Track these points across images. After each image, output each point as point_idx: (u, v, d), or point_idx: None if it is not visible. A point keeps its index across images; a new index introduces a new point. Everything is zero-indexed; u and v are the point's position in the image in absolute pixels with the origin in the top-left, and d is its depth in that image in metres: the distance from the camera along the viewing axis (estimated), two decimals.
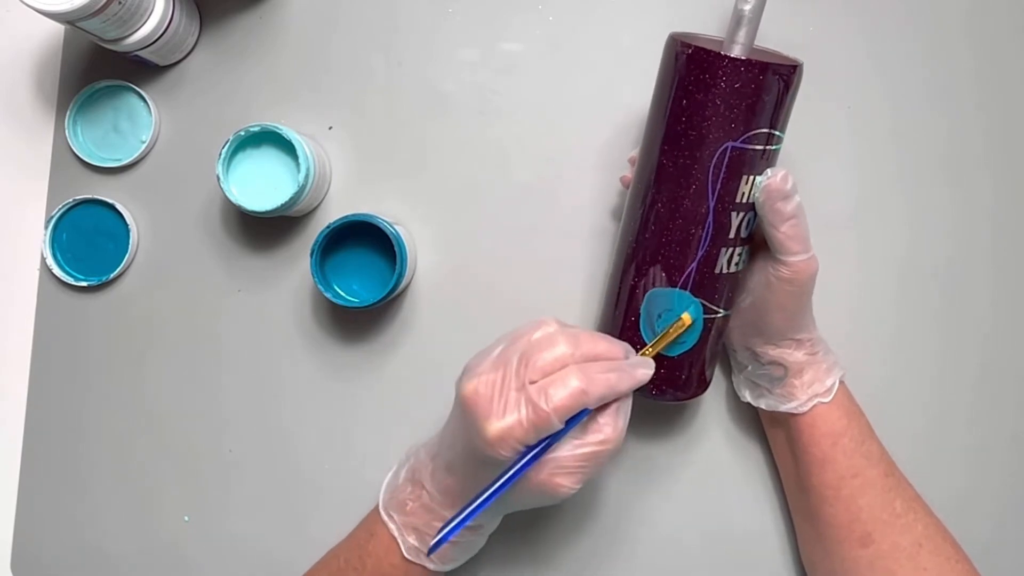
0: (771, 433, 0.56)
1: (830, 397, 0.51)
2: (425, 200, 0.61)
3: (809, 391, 0.51)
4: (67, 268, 0.61)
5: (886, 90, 0.60)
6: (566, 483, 0.44)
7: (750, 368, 0.53)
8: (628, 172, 0.54)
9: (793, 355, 0.51)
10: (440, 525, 0.46)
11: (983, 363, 0.59)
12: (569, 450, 0.44)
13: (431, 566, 0.49)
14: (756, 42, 0.48)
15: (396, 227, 0.56)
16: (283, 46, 0.62)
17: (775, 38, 0.56)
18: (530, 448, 0.43)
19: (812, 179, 0.52)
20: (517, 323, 0.59)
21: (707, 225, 0.47)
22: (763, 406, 0.53)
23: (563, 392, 0.42)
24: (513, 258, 0.60)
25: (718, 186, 0.46)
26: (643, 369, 0.46)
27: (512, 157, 0.60)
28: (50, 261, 0.61)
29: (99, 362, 0.62)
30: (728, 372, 0.58)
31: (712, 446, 0.59)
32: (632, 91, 0.59)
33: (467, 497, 0.46)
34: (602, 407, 0.45)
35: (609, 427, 0.44)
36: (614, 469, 0.59)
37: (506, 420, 0.42)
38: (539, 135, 0.60)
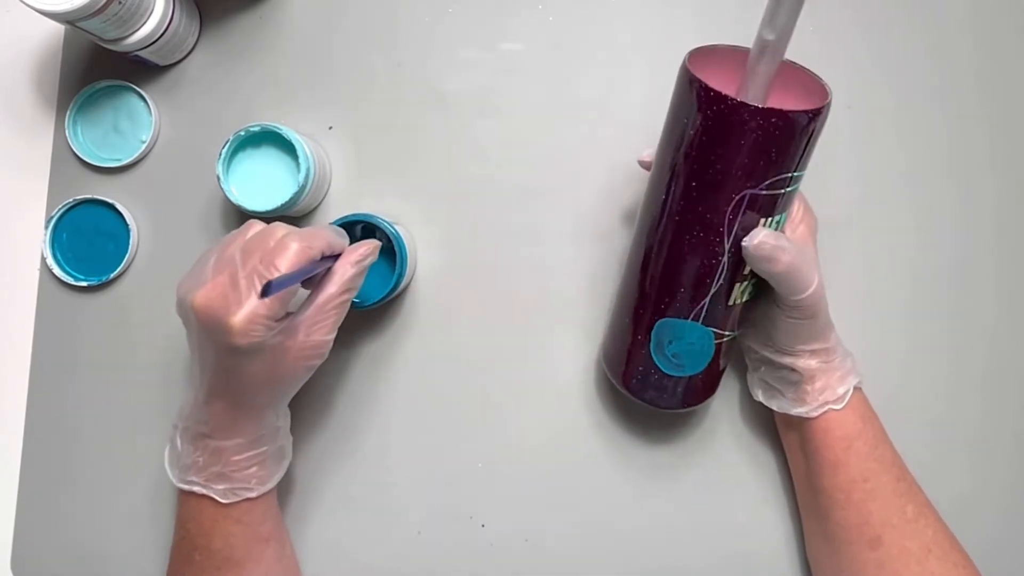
0: (784, 434, 0.56)
1: (841, 405, 0.51)
2: (425, 200, 0.61)
3: (820, 398, 0.51)
4: (67, 268, 0.61)
5: (886, 89, 0.60)
6: (327, 335, 0.47)
7: (763, 369, 0.53)
8: (645, 155, 0.52)
9: (807, 363, 0.51)
10: (234, 458, 0.49)
11: (989, 364, 0.59)
12: (312, 308, 0.47)
13: (252, 494, 0.50)
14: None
15: (396, 227, 0.56)
16: (283, 46, 0.62)
17: None
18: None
19: (814, 179, 0.52)
20: (517, 323, 0.59)
21: (721, 265, 0.46)
22: (775, 407, 0.53)
23: (287, 255, 0.44)
24: (513, 258, 0.60)
25: (735, 229, 0.45)
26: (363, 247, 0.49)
27: (512, 157, 0.60)
28: (50, 261, 0.61)
29: (99, 362, 0.62)
30: (739, 373, 0.58)
31: (721, 445, 0.58)
32: (632, 91, 0.60)
33: (240, 414, 0.48)
34: (336, 262, 0.48)
35: (353, 277, 0.48)
36: (621, 471, 0.59)
37: (246, 305, 0.43)
38: (539, 135, 0.60)
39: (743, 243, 0.45)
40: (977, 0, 0.60)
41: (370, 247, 0.49)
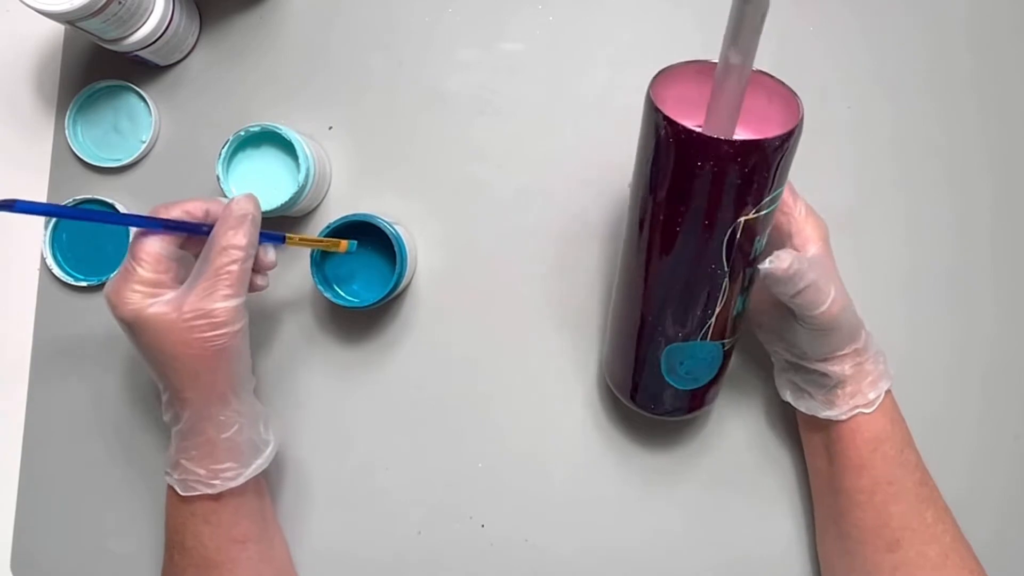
0: (807, 434, 0.55)
1: (872, 409, 0.50)
2: (425, 200, 0.61)
3: (851, 402, 0.50)
4: (67, 268, 0.61)
5: (886, 90, 0.60)
6: (218, 304, 0.45)
7: (792, 371, 0.53)
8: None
9: (840, 368, 0.50)
10: (180, 444, 0.48)
11: (989, 364, 0.59)
12: (196, 275, 0.46)
13: (208, 490, 0.49)
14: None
15: (396, 227, 0.56)
16: (283, 46, 0.62)
17: (775, 38, 0.56)
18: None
19: (813, 180, 0.52)
20: (517, 323, 0.60)
21: (722, 288, 0.46)
22: (803, 409, 0.52)
23: (146, 230, 0.46)
24: (513, 258, 0.60)
25: (732, 255, 0.44)
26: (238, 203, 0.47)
27: (512, 157, 0.60)
28: (50, 261, 0.61)
29: (99, 362, 0.62)
30: (747, 373, 0.58)
31: (726, 446, 0.58)
32: (632, 91, 0.59)
33: (168, 396, 0.48)
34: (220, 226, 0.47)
35: (229, 234, 0.46)
36: (623, 472, 0.59)
37: (116, 278, 0.46)
38: (539, 135, 0.60)
39: (761, 267, 0.44)
40: (977, 0, 0.60)
41: (243, 198, 0.47)
